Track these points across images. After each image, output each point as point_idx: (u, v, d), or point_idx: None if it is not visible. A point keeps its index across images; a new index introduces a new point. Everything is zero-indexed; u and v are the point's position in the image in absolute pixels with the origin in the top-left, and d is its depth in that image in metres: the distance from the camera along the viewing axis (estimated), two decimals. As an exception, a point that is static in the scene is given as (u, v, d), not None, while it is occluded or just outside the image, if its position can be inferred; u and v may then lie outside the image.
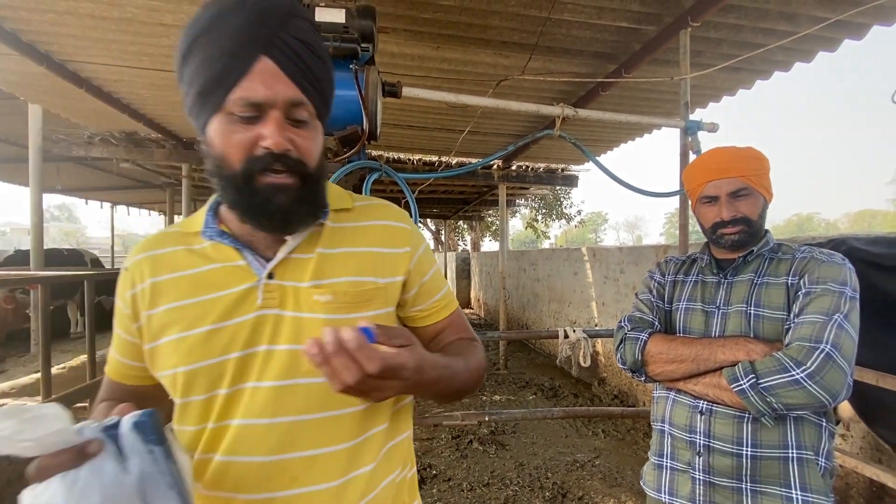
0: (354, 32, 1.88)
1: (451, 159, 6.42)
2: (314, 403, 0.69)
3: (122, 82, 4.00)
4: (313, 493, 0.68)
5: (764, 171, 1.23)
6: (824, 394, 0.99)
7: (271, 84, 0.62)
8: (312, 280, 0.70)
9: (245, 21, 0.61)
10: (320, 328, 0.60)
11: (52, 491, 0.47)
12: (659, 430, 1.29)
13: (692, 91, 3.13)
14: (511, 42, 3.20)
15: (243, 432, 0.67)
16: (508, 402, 5.35)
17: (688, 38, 2.73)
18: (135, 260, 0.74)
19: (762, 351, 1.08)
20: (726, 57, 3.14)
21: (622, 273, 5.67)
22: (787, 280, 1.16)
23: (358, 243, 0.75)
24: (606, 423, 4.61)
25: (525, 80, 3.56)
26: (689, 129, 2.56)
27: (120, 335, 0.75)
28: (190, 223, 0.76)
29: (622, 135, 5.46)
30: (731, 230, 1.22)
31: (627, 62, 3.35)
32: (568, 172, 7.44)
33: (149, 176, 7.76)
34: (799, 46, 3.18)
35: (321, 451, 0.68)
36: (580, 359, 2.74)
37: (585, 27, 3.03)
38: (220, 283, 0.70)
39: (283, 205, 0.65)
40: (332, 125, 1.93)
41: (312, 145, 0.68)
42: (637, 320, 1.34)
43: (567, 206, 15.23)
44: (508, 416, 2.75)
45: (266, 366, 0.68)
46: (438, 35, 3.10)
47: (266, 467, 0.66)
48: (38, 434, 0.47)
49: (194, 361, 0.67)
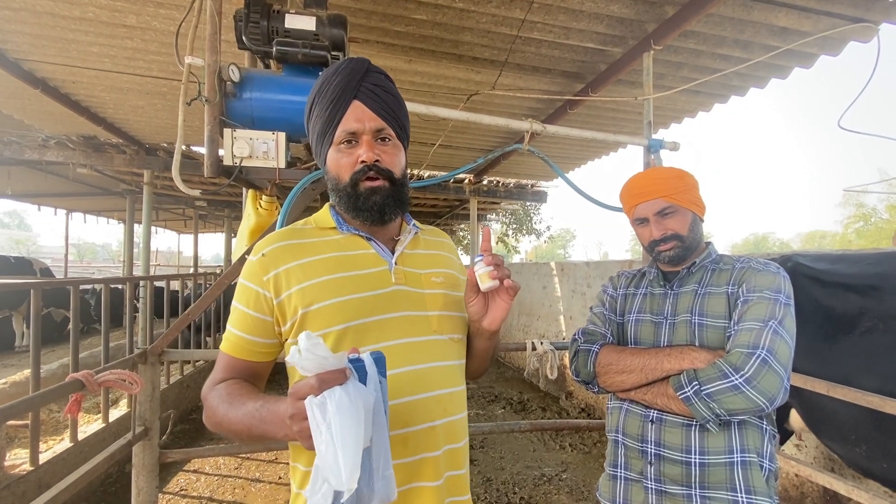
0: (325, 40, 1.87)
1: (422, 172, 6.43)
2: (439, 354, 0.91)
3: (81, 84, 3.84)
4: (457, 420, 0.92)
5: (687, 187, 1.27)
6: (761, 398, 1.02)
7: (361, 118, 0.90)
8: (427, 268, 0.98)
9: (341, 79, 0.91)
10: (440, 299, 0.94)
11: (339, 396, 0.62)
12: (613, 441, 1.31)
13: (655, 112, 3.25)
14: (482, 58, 3.25)
15: (391, 379, 0.83)
16: (477, 417, 5.32)
17: (650, 61, 2.83)
18: (272, 248, 0.92)
19: (705, 359, 1.11)
20: (687, 80, 3.28)
21: (589, 287, 5.77)
22: (728, 289, 1.20)
23: (439, 249, 1.05)
24: (574, 436, 4.64)
25: (496, 96, 3.62)
26: (651, 147, 2.65)
27: (248, 314, 0.91)
28: (321, 221, 0.99)
29: (589, 152, 5.60)
30: (665, 247, 1.27)
31: (594, 81, 3.45)
32: (538, 188, 7.57)
33: (108, 182, 7.44)
34: (753, 73, 3.36)
35: (445, 391, 0.90)
36: (548, 371, 2.75)
37: (554, 46, 3.11)
38: (360, 264, 0.92)
39: (378, 202, 0.91)
40: (300, 132, 1.91)
41: (396, 158, 0.94)
42: (590, 333, 1.36)
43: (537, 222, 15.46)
44: (476, 430, 2.72)
45: (402, 326, 0.89)
46: (411, 48, 3.12)
47: (407, 406, 0.85)
48: (323, 353, 0.64)
49: (349, 320, 0.86)
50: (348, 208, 0.93)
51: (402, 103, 0.97)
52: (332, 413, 0.61)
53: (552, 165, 2.48)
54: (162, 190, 7.56)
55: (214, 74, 1.77)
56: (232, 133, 1.79)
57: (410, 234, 1.01)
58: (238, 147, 1.79)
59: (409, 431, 0.85)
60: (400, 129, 0.96)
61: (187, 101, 1.77)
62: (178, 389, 4.83)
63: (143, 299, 5.55)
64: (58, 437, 3.40)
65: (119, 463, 3.56)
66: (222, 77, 1.77)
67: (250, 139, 1.80)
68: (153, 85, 3.79)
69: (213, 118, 1.79)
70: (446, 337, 0.93)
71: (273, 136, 1.83)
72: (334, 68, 0.93)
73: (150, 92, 3.96)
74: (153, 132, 5.12)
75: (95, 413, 3.75)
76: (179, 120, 1.84)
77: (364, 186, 0.91)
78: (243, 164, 1.81)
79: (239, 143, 1.79)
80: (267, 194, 2.19)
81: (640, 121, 4.30)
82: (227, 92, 1.81)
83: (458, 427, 0.92)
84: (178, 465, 3.84)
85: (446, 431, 0.88)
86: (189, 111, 1.84)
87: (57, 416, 3.86)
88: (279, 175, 1.87)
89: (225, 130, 1.80)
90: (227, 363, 0.93)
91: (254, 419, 0.75)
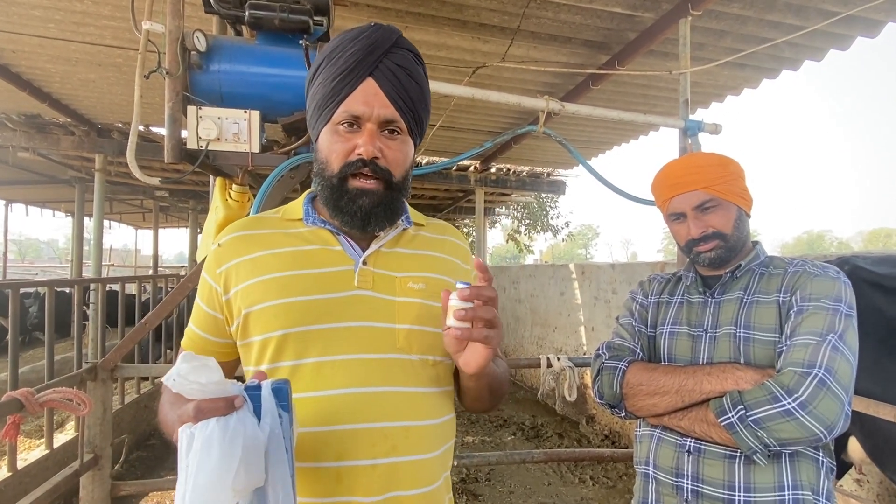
0: (306, 3, 1.86)
1: (419, 158, 6.43)
2: (400, 377, 0.88)
3: (21, 53, 3.85)
4: (413, 461, 0.87)
5: (731, 177, 1.26)
6: (819, 425, 1.00)
7: (371, 101, 0.86)
8: (405, 272, 0.93)
9: (359, 48, 0.86)
10: (413, 310, 0.89)
11: (210, 429, 0.62)
12: (643, 474, 1.30)
13: (693, 88, 3.24)
14: (490, 25, 3.24)
15: (329, 401, 0.84)
16: (483, 444, 5.32)
17: (688, 28, 2.82)
18: (228, 238, 0.94)
19: (752, 379, 1.09)
20: (730, 51, 3.27)
21: (614, 293, 5.76)
22: (779, 297, 1.19)
23: (437, 250, 1.01)
24: (595, 467, 4.63)
25: (506, 69, 3.61)
26: (688, 129, 2.64)
27: (203, 310, 0.94)
28: (289, 211, 0.99)
29: (615, 136, 5.60)
30: (706, 247, 1.25)
31: (621, 53, 3.44)
32: (554, 178, 7.57)
33: (54, 169, 7.46)
34: (808, 43, 3.35)
35: (398, 423, 0.86)
36: (565, 392, 2.74)
37: (575, 11, 3.10)
38: (318, 262, 0.91)
39: (365, 206, 0.88)
40: (277, 110, 1.90)
41: (400, 157, 0.90)
42: (616, 347, 1.35)
43: (554, 217, 15.45)
44: (482, 461, 2.72)
45: (356, 339, 0.87)
46: (407, 13, 3.11)
47: (343, 435, 0.83)
48: (204, 380, 0.63)
49: (290, 326, 0.85)
50: (328, 204, 0.91)
51: (425, 94, 0.94)
52: (195, 451, 0.62)
53: (572, 151, 2.47)
54: (116, 178, 7.57)
55: (177, 42, 1.76)
56: (197, 111, 1.79)
57: (397, 229, 0.97)
58: (204, 128, 1.78)
59: (343, 466, 0.83)
60: (415, 124, 0.93)
61: (145, 74, 1.77)
62: (133, 410, 4.83)
63: (93, 305, 5.55)
64: (-6, 465, 3.41)
65: (65, 496, 3.54)
66: (186, 46, 1.77)
67: (218, 118, 1.80)
68: (106, 55, 3.79)
69: (175, 94, 1.79)
70: (416, 357, 0.89)
71: (245, 115, 1.83)
72: (357, 32, 0.89)
73: (102, 63, 3.96)
74: (106, 110, 5.13)
75: (39, 437, 3.75)
76: (136, 95, 1.83)
77: (353, 184, 0.88)
78: (210, 147, 1.80)
79: (205, 122, 1.78)
80: (238, 183, 2.18)
81: (674, 99, 4.29)
82: (191, 63, 1.81)
83: (414, 471, 0.87)
84: (134, 500, 3.84)
85: (391, 474, 0.84)
86: (147, 86, 1.84)
87: (-7, 440, 3.87)
88: (252, 161, 1.86)
89: (189, 108, 1.79)
90: None
91: (172, 431, 0.74)
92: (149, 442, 5.01)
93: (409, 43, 0.92)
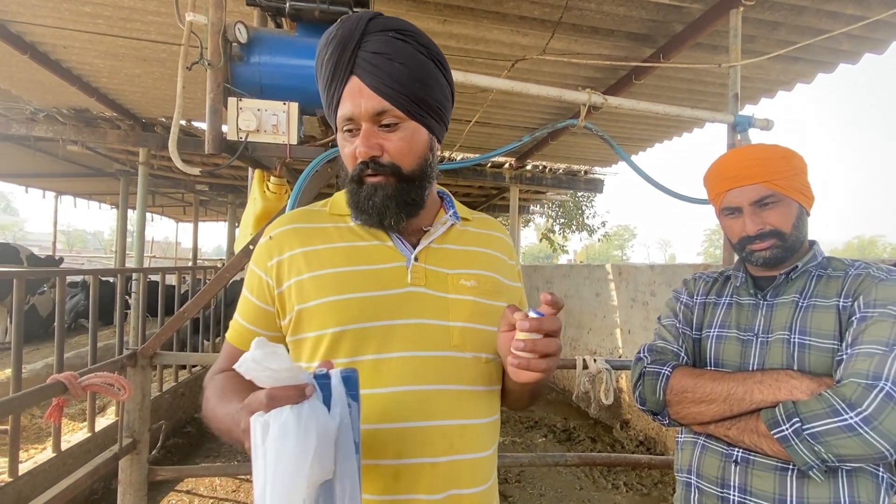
0: (346, -5, 1.87)
1: (454, 154, 6.42)
2: (455, 375, 0.88)
3: (72, 49, 4.00)
4: (470, 460, 0.88)
5: (794, 171, 1.19)
6: (884, 443, 0.94)
7: (356, 100, 0.84)
8: (456, 268, 0.93)
9: (332, 51, 0.86)
10: (467, 307, 0.90)
11: (285, 417, 0.61)
12: (684, 483, 1.25)
13: (742, 83, 3.12)
14: (530, 17, 3.20)
15: (386, 398, 0.84)
16: (513, 445, 5.28)
17: (739, 20, 2.72)
18: (280, 230, 0.94)
19: (808, 388, 1.04)
20: (784, 43, 3.13)
21: (653, 296, 5.63)
22: (839, 302, 1.12)
23: (484, 245, 1.00)
24: (630, 473, 4.53)
25: (545, 63, 3.55)
26: (738, 125, 2.54)
27: (253, 303, 0.94)
28: (336, 205, 0.98)
29: (658, 132, 5.46)
30: (761, 245, 1.19)
31: (667, 45, 3.34)
32: (592, 176, 7.44)
33: (100, 162, 7.76)
34: (869, 34, 3.18)
35: (456, 421, 0.87)
36: (601, 395, 2.68)
37: (619, 2, 3.03)
38: (372, 258, 0.91)
39: (377, 203, 0.87)
40: (315, 102, 1.91)
41: (404, 147, 0.87)
42: (659, 351, 1.30)
43: (590, 217, 15.23)
44: (512, 462, 2.69)
45: (412, 336, 0.87)
46: (446, 6, 3.10)
47: (402, 433, 0.84)
48: (276, 366, 0.62)
49: (347, 323, 0.85)
50: (350, 205, 0.92)
51: (422, 67, 0.87)
52: (272, 438, 0.61)
53: (615, 147, 2.41)
54: (159, 171, 7.81)
55: (219, 34, 1.79)
56: (237, 103, 1.81)
57: (445, 224, 0.97)
58: (244, 119, 1.80)
59: (402, 464, 0.83)
60: (414, 105, 0.86)
61: (187, 66, 1.80)
62: (171, 398, 4.98)
63: (135, 294, 5.75)
64: (40, 445, 3.56)
65: (105, 478, 3.69)
66: (227, 37, 1.80)
67: (258, 110, 1.82)
68: (151, 50, 3.90)
69: (217, 85, 1.82)
70: (470, 355, 0.89)
71: (284, 106, 1.84)
72: (327, 35, 0.88)
73: (147, 59, 4.08)
74: (150, 105, 5.29)
75: (81, 421, 3.90)
76: (178, 87, 1.87)
77: (367, 182, 0.88)
78: (249, 139, 1.83)
79: (245, 114, 1.81)
80: (275, 175, 2.21)
81: (721, 94, 4.16)
82: (232, 55, 1.83)
83: (472, 469, 0.88)
84: (170, 485, 3.95)
85: (451, 472, 0.85)
86: (190, 79, 1.87)
87: (40, 421, 4.04)
88: (290, 153, 1.88)
89: (229, 100, 1.82)
90: (229, 353, 0.96)
91: (232, 422, 0.74)
92: (185, 429, 5.15)
93: (388, 21, 0.88)
